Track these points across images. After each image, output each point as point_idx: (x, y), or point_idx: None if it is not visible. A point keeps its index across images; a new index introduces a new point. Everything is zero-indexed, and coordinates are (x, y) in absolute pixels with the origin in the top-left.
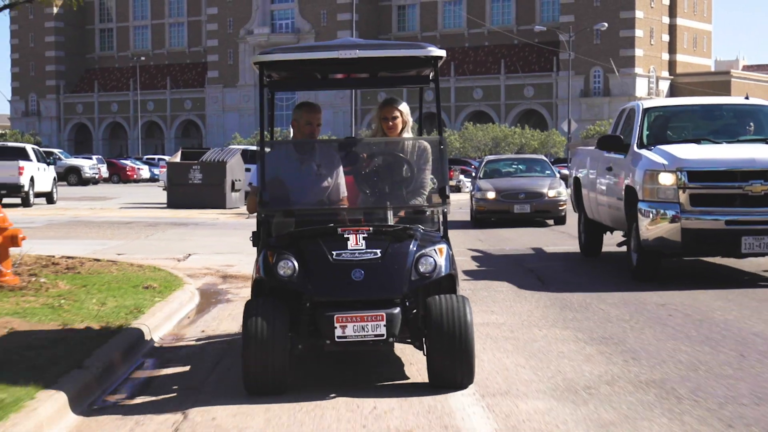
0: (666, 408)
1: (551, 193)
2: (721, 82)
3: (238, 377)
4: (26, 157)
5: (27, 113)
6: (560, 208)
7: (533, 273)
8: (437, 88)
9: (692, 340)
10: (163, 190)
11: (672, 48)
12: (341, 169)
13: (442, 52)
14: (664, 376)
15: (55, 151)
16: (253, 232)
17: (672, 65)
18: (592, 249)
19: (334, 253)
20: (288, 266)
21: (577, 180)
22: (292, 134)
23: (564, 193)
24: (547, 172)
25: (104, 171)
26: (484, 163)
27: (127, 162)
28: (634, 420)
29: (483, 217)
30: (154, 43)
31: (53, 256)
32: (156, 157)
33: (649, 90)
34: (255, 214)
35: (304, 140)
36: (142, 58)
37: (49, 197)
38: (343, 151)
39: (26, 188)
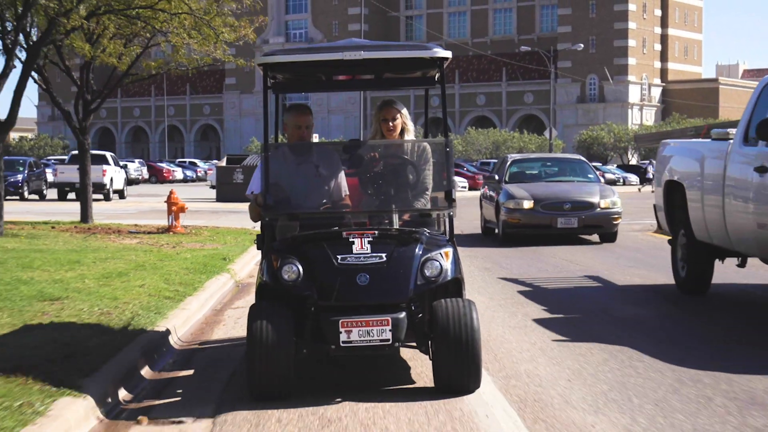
0: None
1: (603, 204)
2: (710, 89)
3: None
4: (106, 162)
5: (53, 117)
6: (614, 222)
7: (632, 326)
8: (443, 89)
9: None
10: (211, 188)
11: (664, 56)
12: (341, 168)
13: (448, 53)
14: None
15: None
16: (258, 236)
17: (664, 73)
18: (699, 283)
19: (339, 257)
20: (292, 271)
21: (674, 185)
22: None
23: (619, 203)
24: (590, 176)
25: (145, 172)
26: (508, 164)
27: (164, 164)
28: None
29: (515, 233)
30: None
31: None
32: (187, 160)
33: (642, 96)
34: (258, 222)
35: (303, 143)
36: None
37: (121, 194)
38: (347, 153)
39: (108, 186)
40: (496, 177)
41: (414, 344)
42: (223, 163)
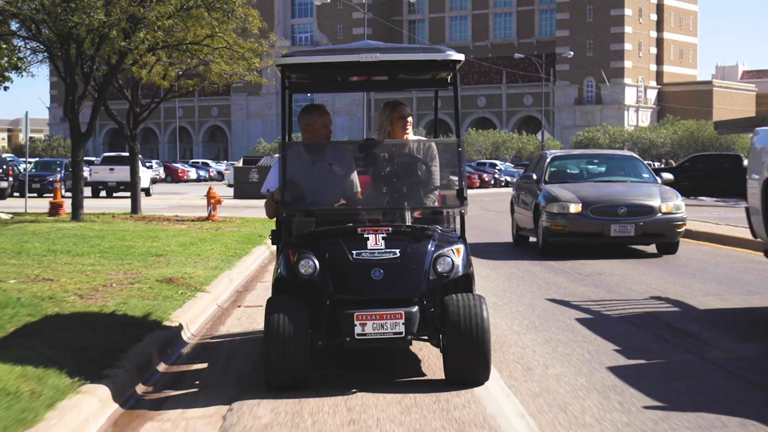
0: None
1: (665, 208)
2: (705, 91)
3: None
4: None
5: (65, 119)
6: (678, 230)
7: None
8: (456, 91)
9: None
10: (228, 186)
11: (659, 60)
12: (354, 166)
13: (461, 56)
14: None
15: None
16: (273, 231)
17: (659, 75)
18: None
19: (354, 252)
20: (309, 265)
21: None
22: (302, 137)
23: (683, 207)
24: (645, 175)
25: (161, 172)
26: (548, 161)
27: (179, 165)
28: None
29: (559, 242)
30: None
31: None
32: (199, 161)
33: (638, 98)
34: (273, 218)
35: (321, 141)
36: None
37: (147, 192)
38: (362, 152)
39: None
40: (534, 176)
41: (426, 337)
42: (240, 163)
